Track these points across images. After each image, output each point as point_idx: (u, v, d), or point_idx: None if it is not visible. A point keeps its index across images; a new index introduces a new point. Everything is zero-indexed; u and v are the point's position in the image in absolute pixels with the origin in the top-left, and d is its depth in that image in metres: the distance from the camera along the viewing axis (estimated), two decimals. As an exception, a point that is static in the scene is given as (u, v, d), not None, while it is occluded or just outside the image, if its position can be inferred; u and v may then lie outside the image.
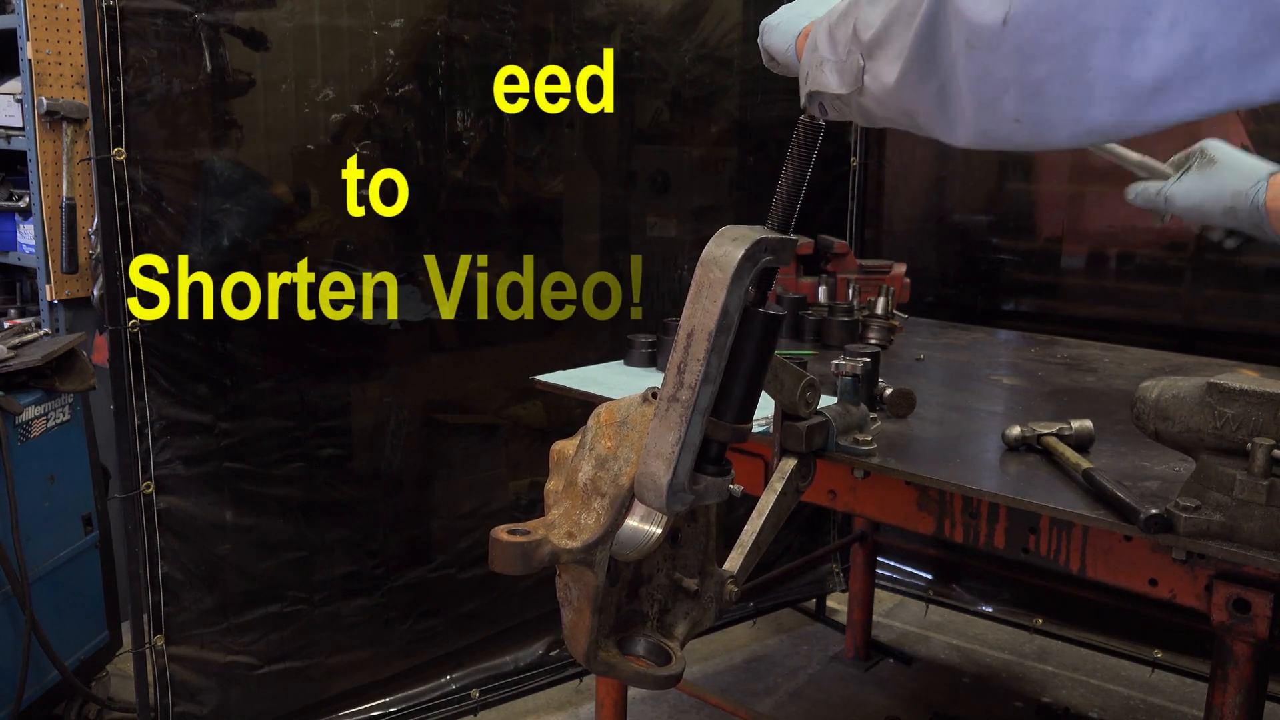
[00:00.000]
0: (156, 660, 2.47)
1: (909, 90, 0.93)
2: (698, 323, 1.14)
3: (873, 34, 0.97)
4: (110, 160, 2.25)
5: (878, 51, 0.97)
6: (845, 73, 1.04)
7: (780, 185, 1.23)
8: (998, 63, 0.81)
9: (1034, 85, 0.80)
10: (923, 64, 0.90)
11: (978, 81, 0.84)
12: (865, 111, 1.05)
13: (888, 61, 0.95)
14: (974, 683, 3.27)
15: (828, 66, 1.07)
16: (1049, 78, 0.79)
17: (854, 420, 1.70)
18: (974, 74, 0.84)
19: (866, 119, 1.08)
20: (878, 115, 1.03)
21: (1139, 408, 1.44)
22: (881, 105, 1.00)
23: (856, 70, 1.01)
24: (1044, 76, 0.79)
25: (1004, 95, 0.83)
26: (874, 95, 1.00)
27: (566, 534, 1.19)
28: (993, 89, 0.83)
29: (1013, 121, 0.84)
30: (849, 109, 1.08)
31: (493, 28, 2.71)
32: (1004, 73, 0.81)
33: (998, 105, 0.84)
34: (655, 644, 1.31)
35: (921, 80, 0.91)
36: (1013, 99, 0.82)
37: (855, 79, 1.02)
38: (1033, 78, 0.80)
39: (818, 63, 1.09)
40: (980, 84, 0.84)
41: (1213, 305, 2.93)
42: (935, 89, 0.90)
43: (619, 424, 1.22)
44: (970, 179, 3.41)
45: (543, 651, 3.06)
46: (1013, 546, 1.65)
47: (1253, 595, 1.39)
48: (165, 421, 2.41)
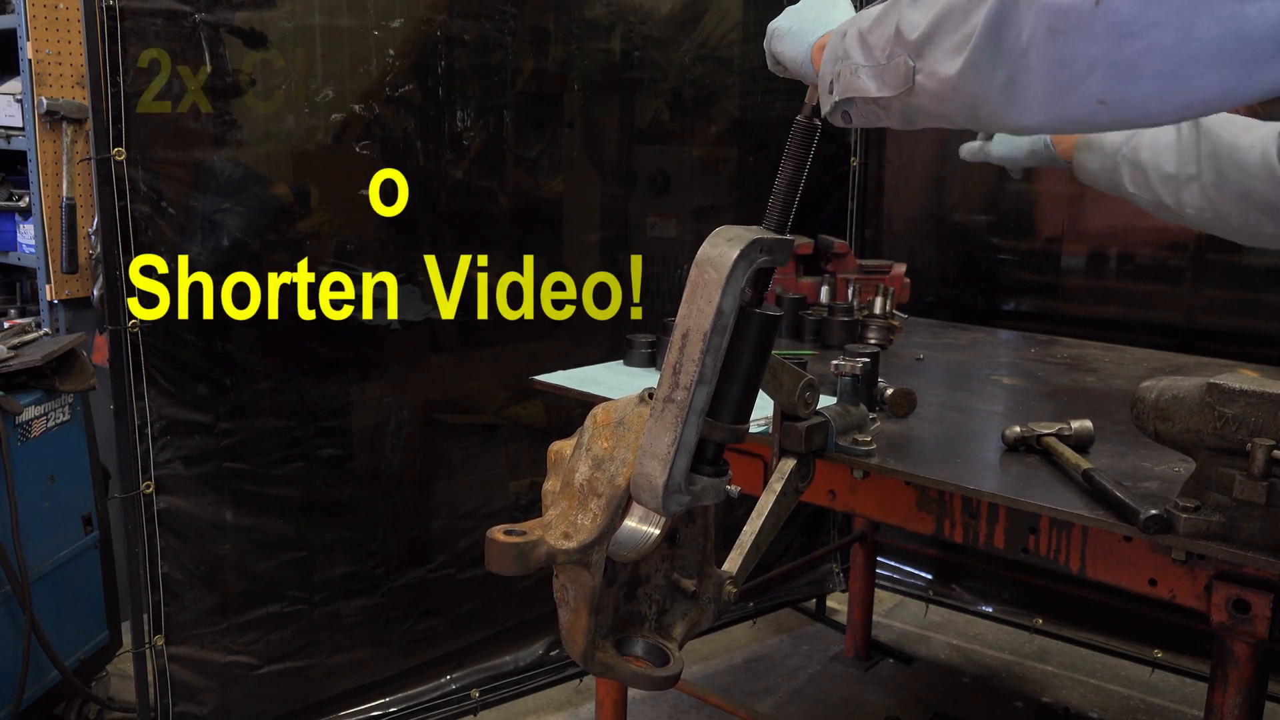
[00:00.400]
0: (156, 660, 2.47)
1: (974, 82, 0.91)
2: (693, 323, 1.13)
3: (921, 32, 0.97)
4: (110, 160, 2.25)
5: (928, 49, 0.96)
6: (888, 75, 1.03)
7: (777, 185, 1.23)
8: (1086, 44, 0.79)
9: (1127, 64, 0.78)
10: (990, 53, 0.88)
11: (1059, 66, 0.82)
12: (910, 112, 1.04)
13: (944, 57, 0.94)
14: (974, 683, 3.27)
15: (864, 72, 1.06)
16: (1147, 53, 0.76)
17: (853, 420, 1.70)
18: (1054, 59, 0.82)
19: (907, 121, 1.07)
20: (929, 113, 1.02)
21: (1139, 408, 1.44)
22: (939, 101, 0.98)
23: (904, 71, 1.00)
24: (1140, 53, 0.76)
25: (1089, 77, 0.81)
26: (930, 92, 0.99)
27: (563, 534, 1.19)
28: (1076, 72, 0.81)
29: (1096, 103, 0.82)
30: (885, 113, 1.07)
31: (493, 28, 2.71)
32: (1092, 53, 0.79)
33: (1080, 89, 0.82)
34: (653, 644, 1.31)
35: (989, 71, 0.89)
36: (1099, 80, 0.80)
37: (903, 80, 1.00)
38: (1127, 55, 0.77)
39: (851, 69, 1.08)
40: (1061, 68, 0.82)
41: (1213, 305, 2.92)
42: (1003, 80, 0.88)
43: (616, 424, 1.22)
44: (970, 179, 3.40)
45: (543, 651, 3.06)
46: (1013, 546, 1.65)
47: (1253, 596, 1.39)
48: (165, 421, 2.41)
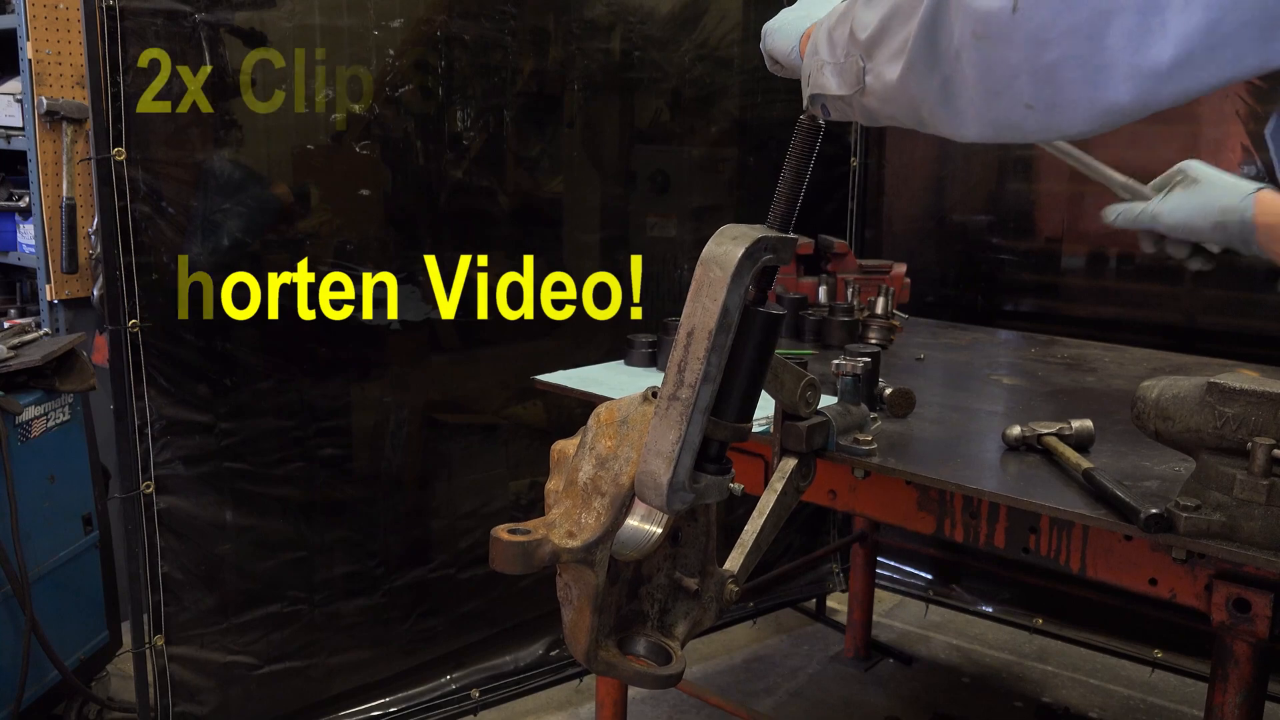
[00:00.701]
0: (156, 660, 2.46)
1: (913, 86, 0.93)
2: (698, 321, 1.14)
3: (869, 34, 0.98)
4: (110, 160, 2.25)
5: (876, 51, 0.97)
6: (845, 74, 1.04)
7: (780, 184, 1.23)
8: (1007, 51, 0.81)
9: (1046, 70, 0.79)
10: (925, 58, 0.90)
11: (986, 71, 0.84)
12: (868, 111, 1.05)
13: (888, 59, 0.95)
14: (974, 683, 3.27)
15: (827, 69, 1.07)
16: (1062, 61, 0.78)
17: (854, 420, 1.70)
18: (982, 64, 0.84)
19: (869, 119, 1.08)
20: (881, 114, 1.03)
21: (1139, 408, 1.44)
22: (885, 103, 1.00)
23: (857, 71, 1.01)
24: (1057, 60, 0.78)
25: (1014, 82, 0.82)
26: (877, 94, 1.00)
27: (567, 533, 1.19)
28: (1003, 77, 0.83)
29: (1024, 108, 0.83)
30: (851, 109, 1.08)
31: (493, 28, 2.71)
32: (1014, 60, 0.81)
33: (1008, 93, 0.83)
34: (655, 644, 1.31)
35: (925, 75, 0.90)
36: (1024, 85, 0.81)
37: (856, 79, 1.02)
38: (1045, 62, 0.79)
39: (818, 65, 1.10)
40: (989, 74, 0.84)
41: (1213, 305, 2.93)
42: (939, 83, 0.90)
43: (619, 423, 1.22)
44: (970, 179, 3.41)
45: (543, 651, 3.06)
46: (1013, 546, 1.65)
47: (1253, 595, 1.39)
48: (165, 421, 2.41)
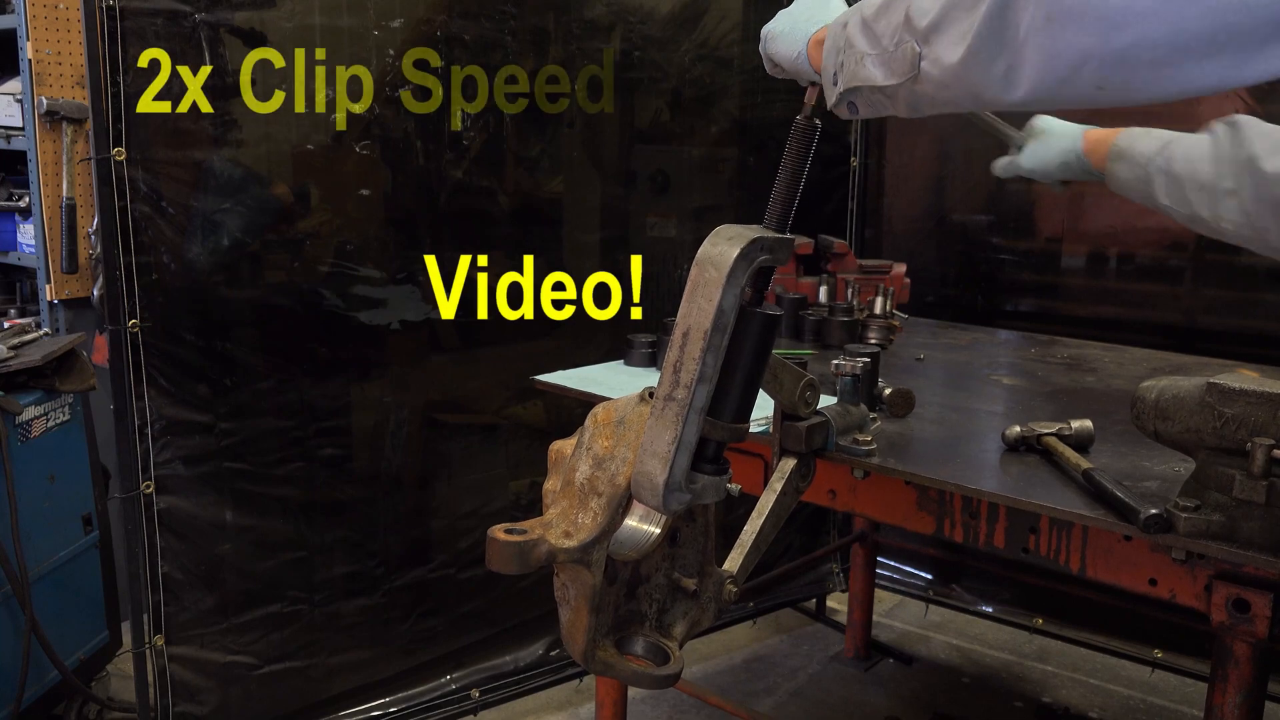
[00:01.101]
0: (156, 660, 2.47)
1: (975, 71, 0.93)
2: (693, 322, 1.13)
3: (930, 20, 0.98)
4: (110, 160, 2.25)
5: (936, 36, 0.98)
6: (895, 63, 1.04)
7: (777, 184, 1.23)
8: (1079, 35, 0.81)
9: (1118, 55, 0.80)
10: (991, 43, 0.90)
11: (1055, 56, 0.85)
12: (915, 100, 1.06)
13: (950, 44, 0.96)
14: (974, 683, 3.27)
15: (870, 60, 1.07)
16: (1136, 45, 0.78)
17: (854, 420, 1.70)
18: (1052, 48, 0.85)
19: (912, 108, 1.08)
20: (934, 100, 1.04)
21: (1139, 408, 1.44)
22: (943, 88, 1.00)
23: (910, 58, 1.02)
24: (1130, 44, 0.78)
25: (1085, 65, 0.83)
26: (934, 79, 1.01)
27: (564, 533, 1.19)
28: (1072, 61, 0.83)
29: (1095, 89, 0.84)
30: (891, 101, 1.09)
31: (493, 28, 2.70)
32: (1086, 43, 0.81)
33: (1077, 77, 0.84)
34: (654, 644, 1.31)
35: (989, 60, 0.91)
36: (1095, 68, 0.82)
37: (910, 66, 1.02)
38: (1118, 46, 0.79)
39: (856, 59, 1.09)
40: (1058, 58, 0.85)
41: (1213, 305, 2.92)
42: (1003, 68, 0.90)
43: (616, 423, 1.22)
44: (970, 179, 3.40)
45: (543, 651, 3.06)
46: (1013, 546, 1.65)
47: (1252, 595, 1.39)
48: (165, 421, 2.41)
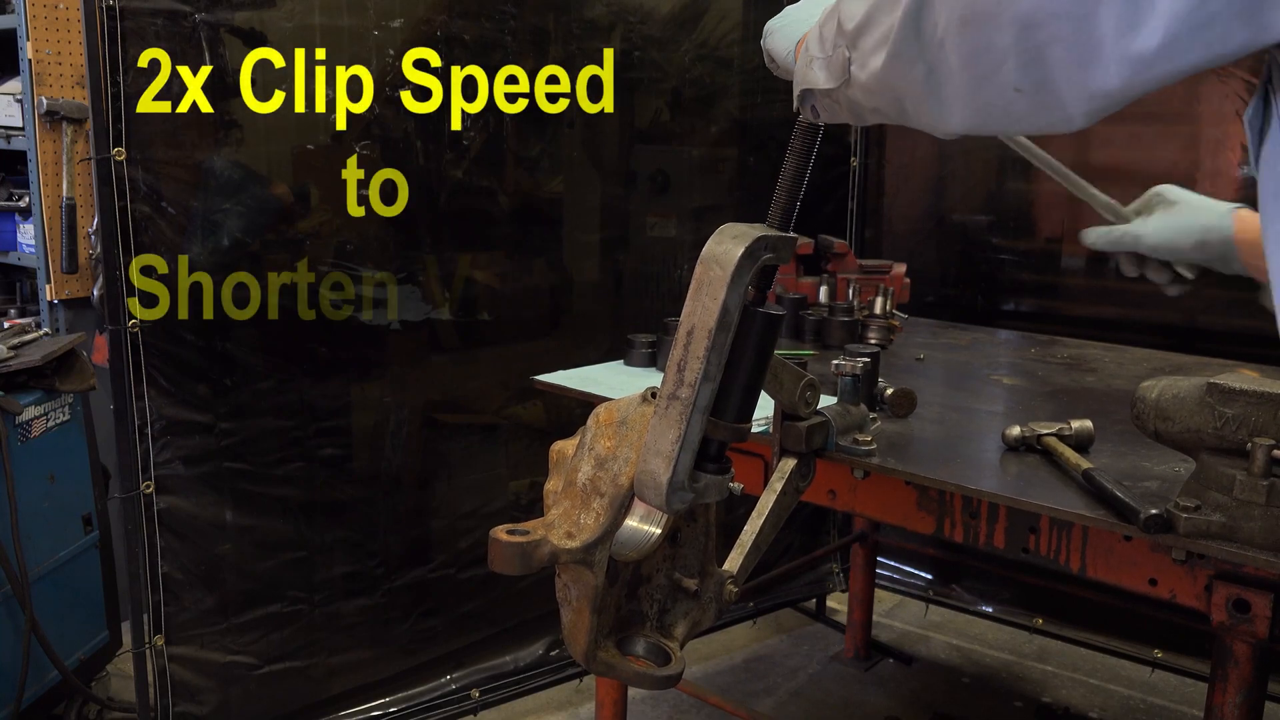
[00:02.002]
0: (156, 660, 2.46)
1: (896, 75, 0.93)
2: (698, 320, 1.13)
3: (855, 24, 0.98)
4: (110, 160, 2.25)
5: (861, 40, 0.97)
6: (832, 67, 1.04)
7: (780, 183, 1.23)
8: (995, 34, 0.81)
9: (1035, 51, 0.79)
10: (909, 46, 0.90)
11: (972, 56, 0.84)
12: (853, 105, 1.05)
13: (873, 48, 0.95)
14: (974, 683, 3.27)
15: (816, 64, 1.07)
16: (1051, 43, 0.78)
17: (854, 420, 1.70)
18: (967, 49, 0.84)
19: (855, 115, 1.08)
20: (866, 107, 1.03)
21: (1139, 408, 1.44)
22: (869, 95, 1.00)
23: (843, 63, 1.01)
24: (1045, 42, 0.78)
25: (1002, 65, 0.82)
26: (861, 85, 1.00)
27: (566, 534, 1.19)
28: (990, 61, 0.83)
29: (1013, 92, 0.83)
30: (838, 106, 1.08)
31: (493, 28, 2.70)
32: (1002, 43, 0.81)
33: (995, 77, 0.83)
34: (655, 644, 1.31)
35: (909, 64, 0.91)
36: (1012, 68, 0.81)
37: (842, 71, 1.02)
38: (1033, 44, 0.79)
39: (808, 62, 1.10)
40: (975, 58, 0.84)
41: (1213, 305, 2.92)
42: (924, 72, 0.90)
43: (618, 424, 1.22)
44: (970, 179, 3.41)
45: (543, 651, 3.06)
46: (1013, 546, 1.65)
47: (1253, 595, 1.39)
48: (165, 421, 2.41)
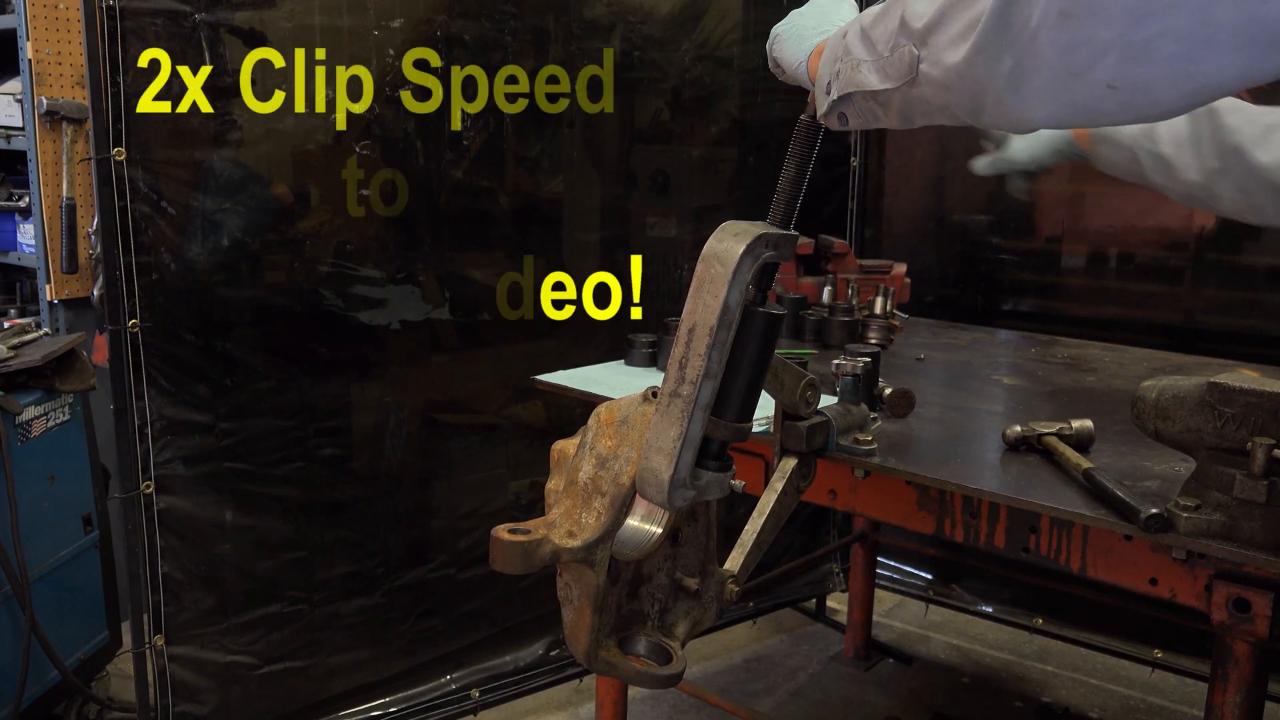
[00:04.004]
0: (156, 660, 2.46)
1: (979, 70, 0.90)
2: (699, 318, 1.13)
3: (926, 21, 0.96)
4: (110, 160, 2.25)
5: (934, 37, 0.96)
6: (891, 67, 1.02)
7: (781, 181, 1.23)
8: (1098, 27, 0.78)
9: (1141, 45, 0.77)
10: (996, 40, 0.87)
11: (1068, 51, 0.82)
12: (909, 105, 1.03)
13: (950, 43, 0.93)
14: (974, 683, 3.27)
15: (865, 67, 1.05)
16: (1161, 35, 0.75)
17: (854, 420, 1.70)
18: (1064, 43, 0.82)
19: (904, 118, 1.06)
20: (930, 104, 1.01)
21: (1139, 408, 1.44)
22: (942, 91, 0.97)
23: (908, 61, 0.99)
24: (1155, 35, 0.76)
25: (1100, 61, 0.80)
26: (934, 81, 0.98)
27: (567, 533, 1.19)
28: (1087, 56, 0.80)
29: (1105, 88, 0.81)
30: (884, 109, 1.06)
31: (493, 28, 2.70)
32: (1104, 37, 0.78)
33: (1089, 73, 0.81)
34: (656, 643, 1.31)
35: (994, 58, 0.88)
36: (1111, 64, 0.79)
37: (906, 70, 0.99)
38: (1140, 37, 0.76)
39: (853, 65, 1.07)
40: (1071, 53, 0.82)
41: (1213, 305, 2.93)
42: (1010, 66, 0.87)
43: (619, 423, 1.22)
44: (970, 179, 3.38)
45: (543, 651, 3.06)
46: (1013, 546, 1.65)
47: (1253, 595, 1.39)
48: (165, 421, 2.41)
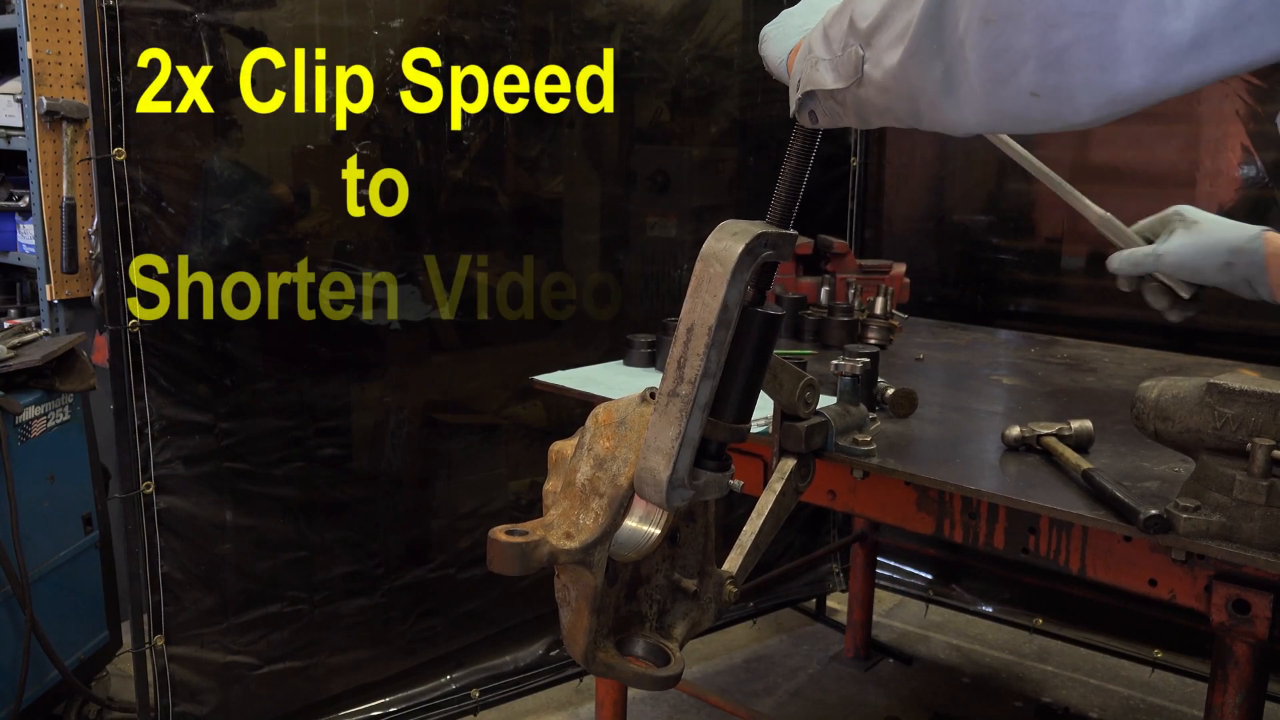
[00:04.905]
0: (156, 660, 2.47)
1: (913, 74, 0.91)
2: (698, 317, 1.13)
3: (871, 21, 0.96)
4: (110, 160, 2.25)
5: (876, 37, 0.96)
6: (842, 66, 1.03)
7: (780, 180, 1.23)
8: (1016, 34, 0.79)
9: (1056, 53, 0.77)
10: (929, 43, 0.88)
11: (992, 57, 0.82)
12: (861, 106, 1.04)
13: (889, 45, 0.94)
14: (974, 683, 3.27)
15: (822, 65, 1.06)
16: (1073, 44, 0.76)
17: (853, 420, 1.70)
18: (987, 48, 0.82)
19: (861, 117, 1.06)
20: (876, 106, 1.02)
21: (1139, 408, 1.44)
22: (883, 93, 0.98)
23: (855, 61, 1.00)
24: (1068, 43, 0.76)
25: (1021, 68, 0.80)
26: (875, 83, 0.98)
27: (565, 534, 1.19)
28: (1009, 63, 0.81)
29: (1029, 95, 0.81)
30: (843, 108, 1.07)
31: (493, 28, 2.70)
32: (1023, 43, 0.79)
33: (1013, 80, 0.81)
34: (654, 644, 1.31)
35: (927, 62, 0.89)
36: (1031, 71, 0.80)
37: (854, 70, 1.00)
38: (1055, 45, 0.77)
39: (812, 64, 1.08)
40: (995, 59, 0.82)
41: (1213, 305, 2.91)
42: (941, 70, 0.88)
43: (617, 424, 1.22)
44: (970, 179, 3.40)
45: (543, 651, 3.06)
46: (1012, 547, 1.65)
47: (1252, 596, 1.39)
48: (165, 421, 2.41)
